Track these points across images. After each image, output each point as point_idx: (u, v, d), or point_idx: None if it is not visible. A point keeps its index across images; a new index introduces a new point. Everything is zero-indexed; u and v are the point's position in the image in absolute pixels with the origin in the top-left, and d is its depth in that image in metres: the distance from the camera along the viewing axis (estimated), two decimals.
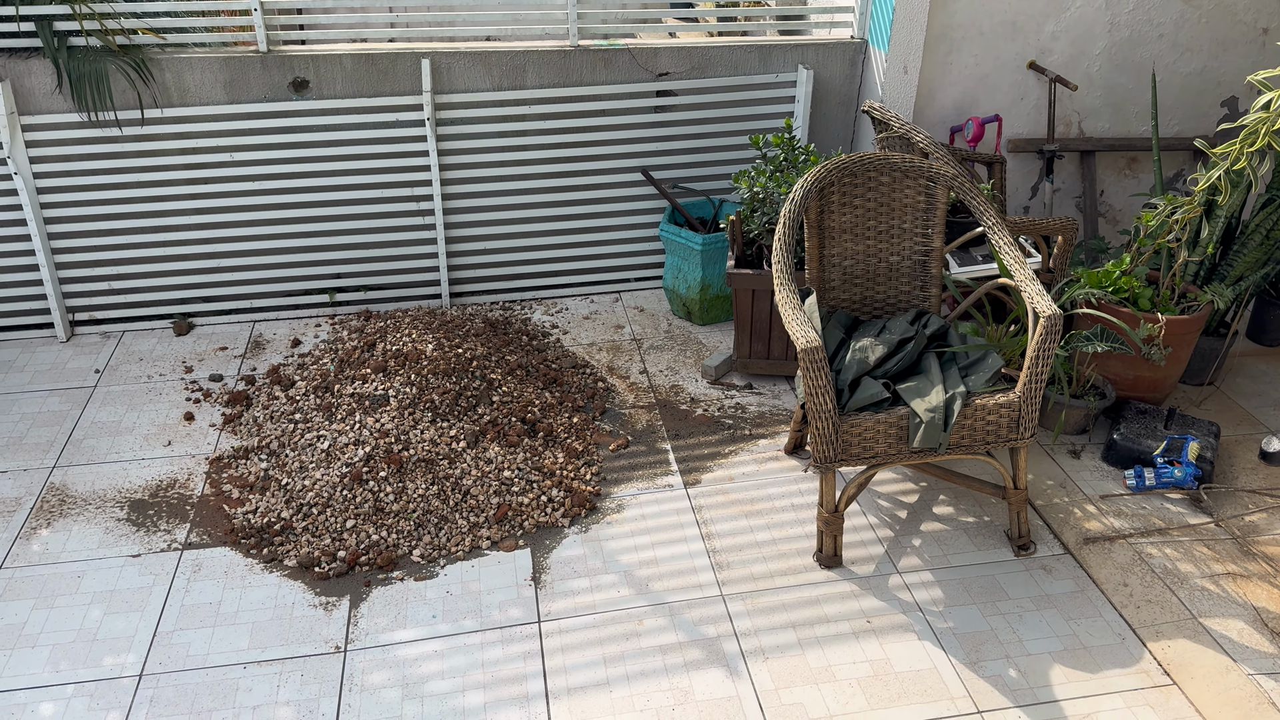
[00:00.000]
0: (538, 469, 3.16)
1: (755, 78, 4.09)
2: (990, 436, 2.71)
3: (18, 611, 2.66)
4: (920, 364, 2.86)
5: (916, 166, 2.97)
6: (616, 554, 2.89)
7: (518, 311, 4.20)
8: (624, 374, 3.76)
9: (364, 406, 3.27)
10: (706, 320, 4.09)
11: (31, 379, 3.70)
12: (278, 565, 2.83)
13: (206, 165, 3.85)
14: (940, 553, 2.89)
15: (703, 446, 3.36)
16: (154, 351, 3.89)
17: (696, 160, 4.22)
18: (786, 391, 3.65)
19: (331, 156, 3.92)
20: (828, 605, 2.71)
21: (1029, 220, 3.31)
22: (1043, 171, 4.21)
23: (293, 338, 3.97)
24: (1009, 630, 2.63)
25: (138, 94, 3.69)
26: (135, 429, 3.41)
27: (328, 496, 3.00)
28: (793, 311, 2.65)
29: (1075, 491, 3.13)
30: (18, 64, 3.59)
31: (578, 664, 2.52)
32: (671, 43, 4.05)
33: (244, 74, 3.73)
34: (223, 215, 3.95)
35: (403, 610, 2.68)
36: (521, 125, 4.00)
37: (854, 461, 2.68)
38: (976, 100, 4.07)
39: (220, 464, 3.23)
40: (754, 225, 3.62)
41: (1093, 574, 2.82)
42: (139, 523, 2.99)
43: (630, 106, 4.05)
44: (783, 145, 3.64)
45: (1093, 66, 4.08)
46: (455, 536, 2.92)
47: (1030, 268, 2.80)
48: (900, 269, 3.08)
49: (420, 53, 3.82)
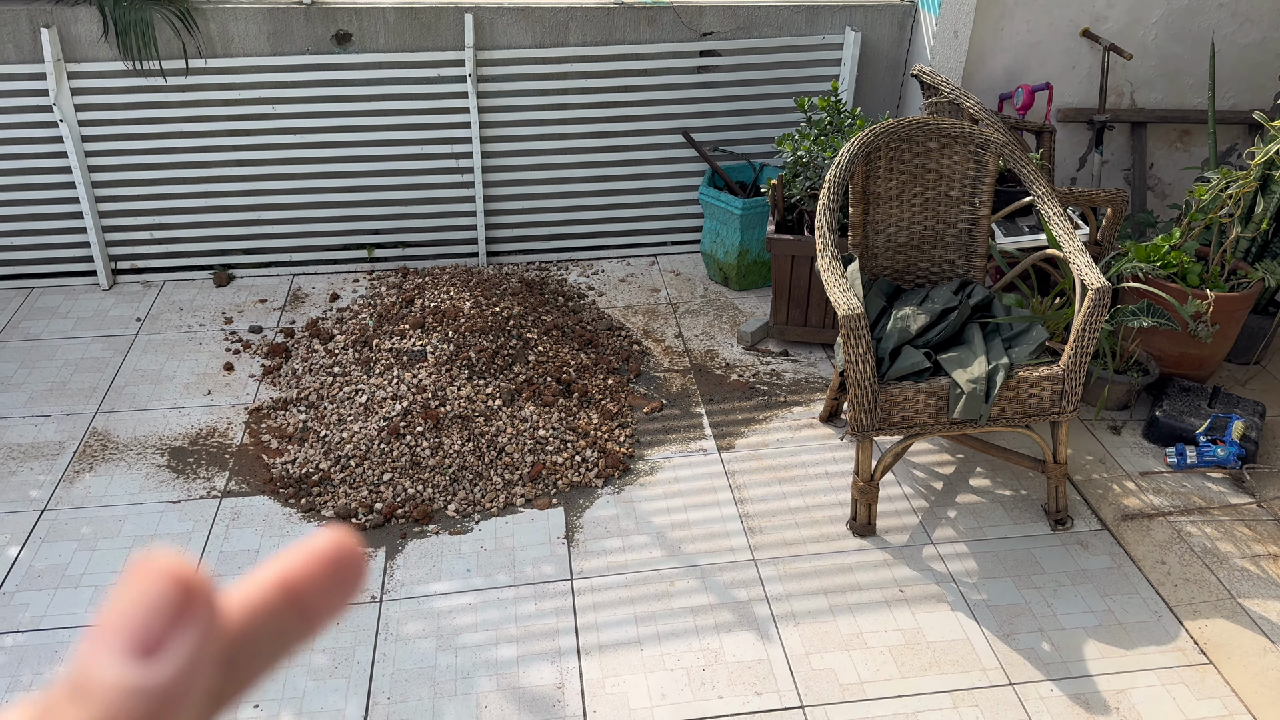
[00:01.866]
0: (572, 429, 3.17)
1: (801, 39, 4.02)
2: (1032, 410, 2.68)
3: (61, 553, 2.72)
4: (963, 334, 2.83)
5: (966, 132, 2.91)
6: (649, 515, 2.89)
7: (554, 272, 4.19)
8: (659, 337, 3.75)
9: (402, 362, 3.28)
10: (743, 286, 4.07)
11: (74, 325, 3.74)
12: (315, 515, 2.86)
13: (249, 117, 3.86)
14: (975, 525, 2.87)
15: (737, 412, 3.35)
16: (194, 301, 3.92)
17: (738, 123, 4.17)
18: (823, 359, 3.63)
19: (372, 111, 3.91)
20: (860, 573, 2.70)
21: (1077, 191, 3.25)
22: (1092, 142, 4.12)
23: (331, 292, 3.99)
24: (1043, 604, 2.62)
25: (182, 43, 3.70)
26: (175, 378, 3.45)
27: (365, 449, 3.02)
28: (835, 278, 2.62)
29: (1115, 468, 3.09)
30: (64, 11, 3.60)
31: (609, 622, 2.54)
32: (717, 1, 3.99)
33: (288, 26, 3.72)
34: (264, 167, 3.96)
35: (438, 563, 2.71)
36: (563, 83, 3.97)
37: (891, 431, 2.66)
38: (1027, 67, 3.98)
39: (259, 414, 3.27)
40: (796, 190, 3.58)
41: (1130, 551, 2.79)
42: (179, 469, 3.03)
43: (673, 66, 4.01)
44: (828, 108, 3.59)
45: (1148, 35, 3.98)
46: (490, 493, 2.94)
47: (1078, 239, 2.75)
48: (946, 237, 3.03)
49: (463, 7, 3.78)
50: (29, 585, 2.61)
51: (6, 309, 3.83)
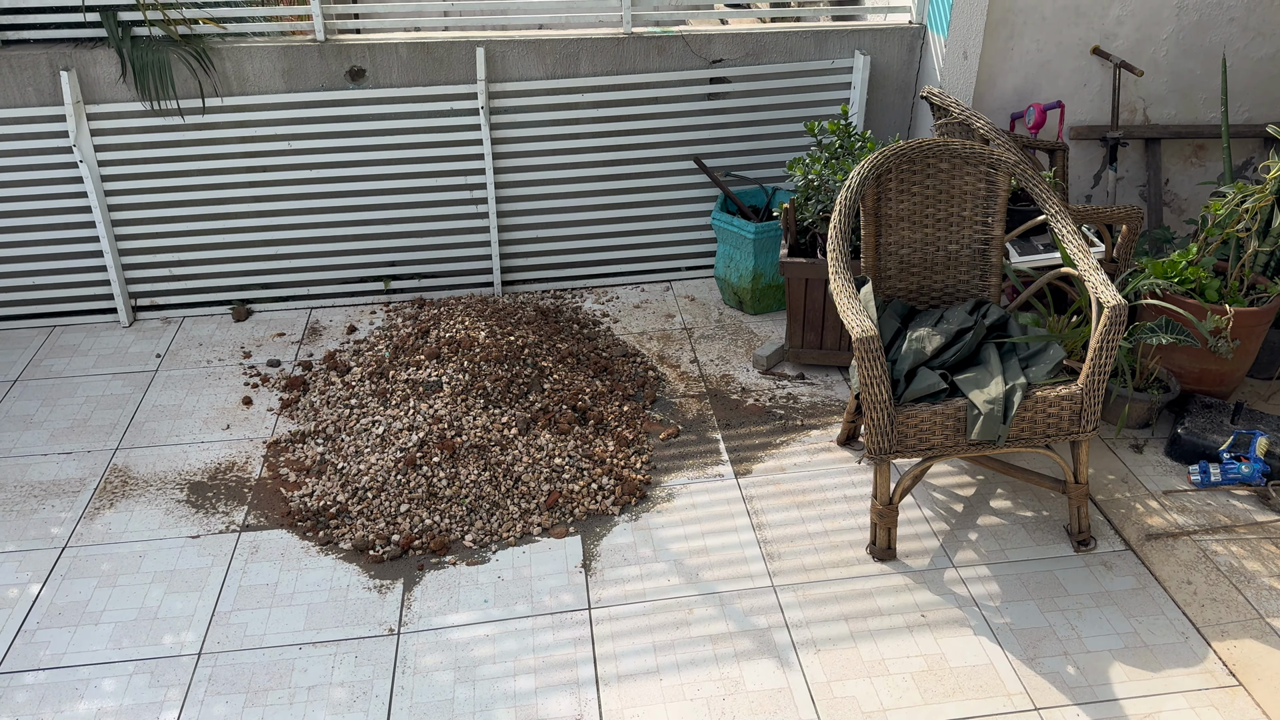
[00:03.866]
0: (588, 456, 3.16)
1: (810, 64, 4.04)
2: (1051, 429, 2.65)
3: (81, 590, 2.73)
4: (979, 355, 2.81)
5: (977, 153, 2.91)
6: (667, 542, 2.88)
7: (568, 300, 4.21)
8: (674, 363, 3.75)
9: (418, 392, 3.30)
10: (758, 310, 4.06)
11: (95, 363, 3.78)
12: (333, 548, 2.87)
13: (265, 153, 3.91)
14: (997, 547, 2.84)
15: (754, 436, 3.34)
16: (213, 337, 3.96)
17: (750, 148, 4.18)
18: (839, 382, 3.61)
19: (387, 145, 3.95)
20: (881, 598, 2.68)
21: (1092, 209, 3.24)
22: (1106, 159, 4.10)
23: (349, 324, 4.02)
24: (1068, 627, 2.58)
25: (199, 83, 3.75)
26: (195, 412, 3.48)
27: (382, 481, 3.03)
28: (848, 300, 2.62)
29: (1138, 487, 3.05)
30: (83, 54, 3.66)
31: (628, 651, 2.52)
32: (726, 29, 4.02)
33: (302, 63, 3.78)
34: (281, 203, 4.00)
35: (455, 594, 2.70)
36: (574, 113, 4.00)
37: (909, 453, 2.64)
38: (1038, 86, 3.98)
39: (277, 448, 3.28)
40: (808, 213, 3.58)
41: (1155, 571, 2.75)
42: (198, 504, 3.05)
43: (683, 94, 4.03)
44: (839, 132, 3.59)
45: (1159, 52, 3.97)
46: (507, 522, 2.94)
47: (1094, 257, 2.73)
48: (959, 258, 3.02)
49: (475, 41, 3.83)
50: (50, 623, 2.62)
51: (29, 348, 3.88)
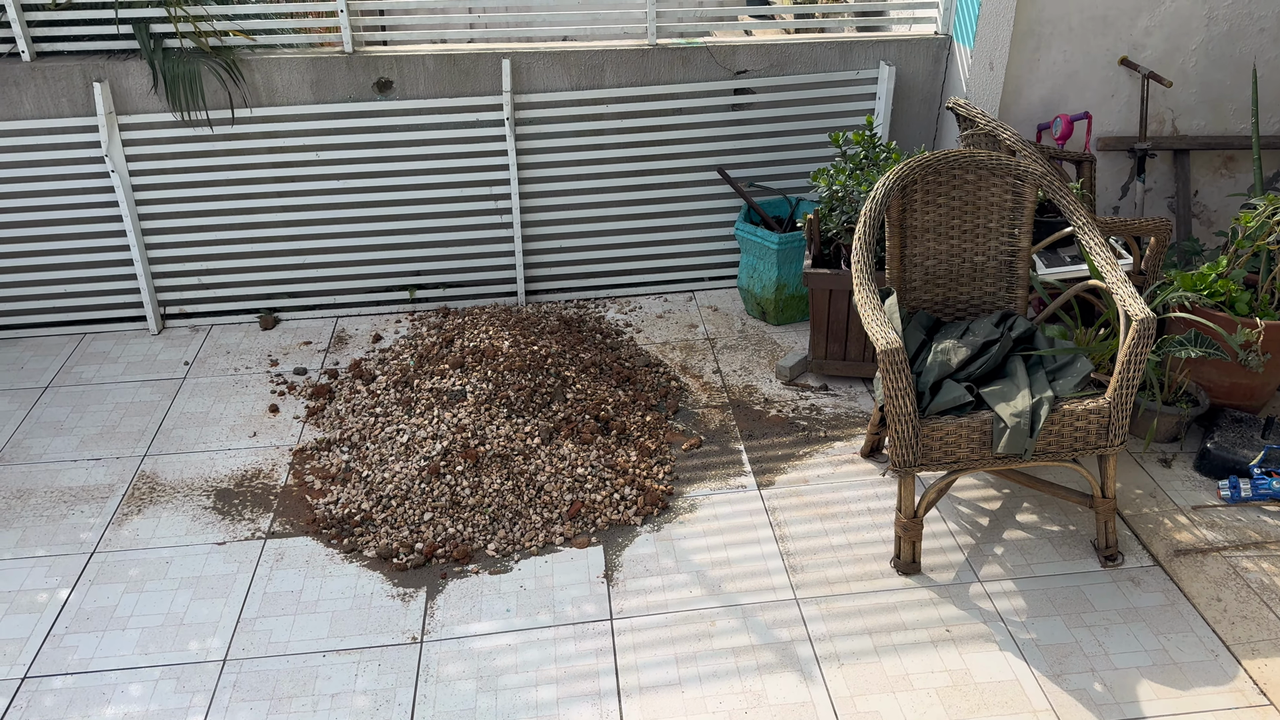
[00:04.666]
0: (611, 467, 3.16)
1: (835, 75, 4.03)
2: (1078, 443, 2.63)
3: (109, 595, 2.76)
4: (1005, 367, 2.79)
5: (1003, 164, 2.89)
6: (689, 553, 2.87)
7: (591, 309, 4.22)
8: (697, 373, 3.74)
9: (442, 401, 3.31)
10: (781, 320, 4.06)
11: (124, 370, 3.83)
12: (357, 555, 2.88)
13: (293, 164, 3.95)
14: (1023, 561, 2.82)
15: (777, 448, 3.33)
16: (241, 345, 3.99)
17: (773, 158, 4.18)
18: (863, 393, 3.60)
19: (413, 156, 3.98)
20: (905, 612, 2.66)
21: (1120, 220, 3.21)
22: (1134, 170, 4.07)
23: (374, 333, 4.05)
24: (1094, 643, 2.55)
25: (228, 94, 3.80)
26: (222, 420, 3.51)
27: (406, 489, 3.04)
28: (873, 312, 2.61)
29: (1166, 502, 3.02)
30: (116, 65, 3.72)
31: (650, 662, 2.52)
32: (750, 40, 4.02)
33: (330, 74, 3.81)
34: (308, 213, 4.04)
35: (478, 603, 2.71)
36: (599, 124, 4.01)
37: (934, 466, 2.63)
38: (1065, 97, 3.96)
39: (303, 455, 3.31)
40: (832, 224, 3.57)
41: (1184, 587, 2.71)
42: (225, 511, 3.07)
43: (707, 105, 4.04)
44: (863, 143, 3.59)
45: (1188, 62, 3.94)
46: (529, 532, 2.94)
47: (1122, 270, 2.71)
48: (985, 269, 3.01)
49: (501, 53, 3.85)
50: (78, 627, 2.65)
51: (60, 355, 3.93)
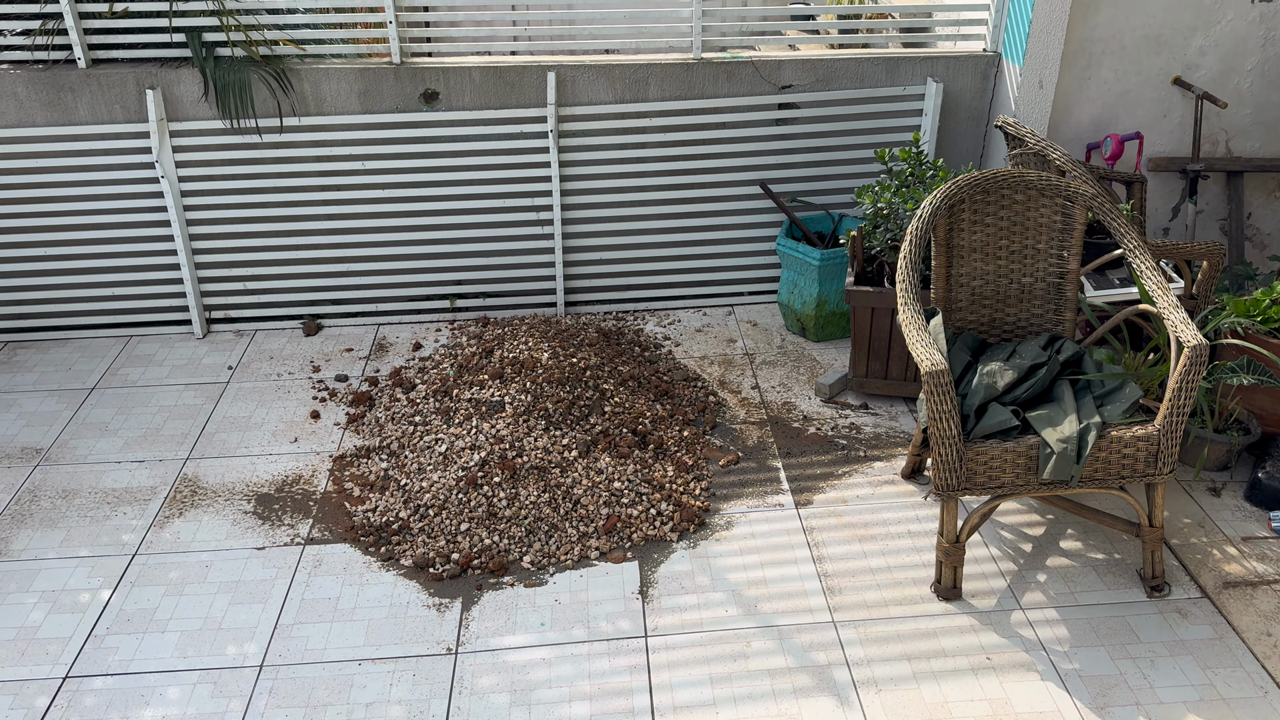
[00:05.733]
0: (647, 481, 3.15)
1: (881, 90, 4.00)
2: (1126, 471, 2.58)
3: (150, 597, 2.79)
4: (1052, 391, 2.75)
5: (1053, 184, 2.85)
6: (725, 572, 2.85)
7: (630, 322, 4.21)
8: (735, 388, 3.72)
9: (480, 412, 3.32)
10: (821, 337, 4.02)
11: (169, 373, 3.88)
12: (394, 564, 2.89)
13: (339, 173, 3.98)
14: (1067, 590, 2.76)
15: (815, 466, 3.29)
16: (284, 350, 4.03)
17: (817, 174, 4.16)
18: (904, 413, 3.56)
19: (457, 166, 4.01)
20: (945, 638, 2.61)
21: (1171, 243, 3.15)
22: (1185, 192, 4.00)
23: (415, 341, 4.07)
24: (1139, 675, 2.49)
25: (277, 103, 3.84)
26: (264, 425, 3.54)
27: (444, 499, 3.05)
28: (917, 332, 2.57)
29: (1215, 532, 2.95)
30: (168, 73, 3.78)
31: (684, 681, 2.50)
32: (796, 55, 4.00)
33: (378, 85, 3.85)
34: (352, 221, 4.07)
35: (513, 616, 2.70)
36: (642, 137, 4.01)
37: (978, 491, 2.59)
38: (1116, 117, 3.90)
39: (343, 462, 3.33)
40: (876, 241, 3.54)
41: (1233, 621, 2.65)
42: (264, 516, 3.10)
43: (751, 119, 4.02)
44: (909, 160, 3.55)
45: (1244, 83, 3.86)
46: (565, 545, 2.93)
47: (1173, 294, 2.66)
48: (1033, 291, 2.96)
49: (546, 65, 3.87)
50: (119, 629, 2.68)
51: (107, 356, 3.99)
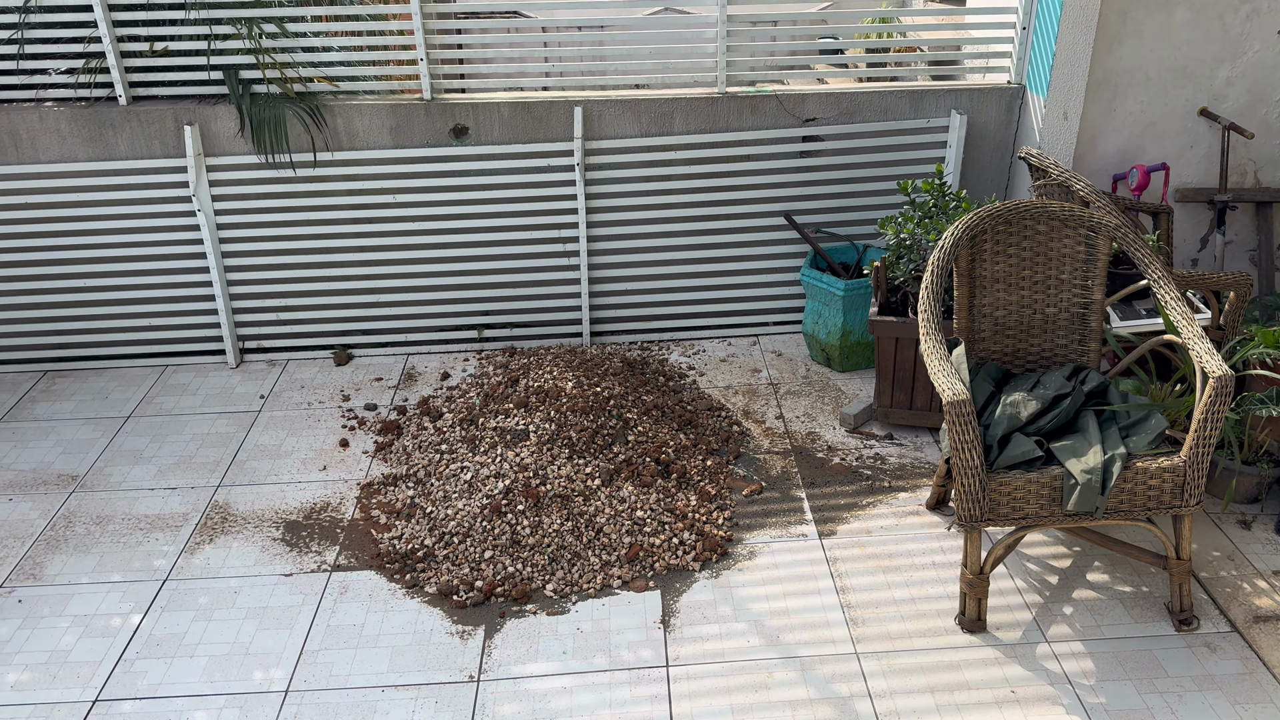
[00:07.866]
0: (670, 510, 3.16)
1: (905, 123, 4.03)
2: (1152, 502, 2.55)
3: (179, 622, 2.83)
4: (1077, 422, 2.73)
5: (1077, 215, 2.86)
6: (747, 602, 2.85)
7: (655, 352, 4.24)
8: (759, 418, 3.73)
9: (505, 440, 3.35)
10: (846, 367, 4.03)
11: (203, 402, 3.95)
12: (419, 591, 2.92)
13: (370, 206, 4.07)
14: (1093, 623, 2.73)
15: (839, 496, 3.29)
16: (315, 380, 4.10)
17: (841, 205, 4.18)
18: (929, 443, 3.55)
19: (485, 200, 4.08)
20: (969, 671, 2.59)
21: (1198, 274, 3.14)
22: (1213, 223, 3.98)
23: (443, 370, 4.12)
24: (1167, 710, 2.46)
25: (311, 138, 3.94)
26: (294, 453, 3.60)
27: (468, 526, 3.08)
28: (939, 362, 2.58)
29: (1245, 565, 2.91)
30: (206, 109, 3.88)
31: (705, 711, 2.49)
32: (820, 88, 4.05)
33: (409, 120, 3.93)
34: (383, 253, 4.15)
35: (535, 644, 2.71)
36: (667, 170, 4.06)
37: (1002, 522, 2.58)
38: (1141, 148, 3.89)
39: (370, 490, 3.37)
40: (899, 272, 3.55)
41: (1263, 655, 2.60)
42: (292, 543, 3.14)
43: (776, 151, 4.06)
44: (933, 191, 3.57)
45: (1271, 114, 3.85)
46: (587, 573, 2.95)
47: (1199, 324, 2.64)
48: (1057, 321, 2.96)
49: (573, 101, 3.93)
50: (148, 653, 2.72)
51: (142, 385, 4.07)
